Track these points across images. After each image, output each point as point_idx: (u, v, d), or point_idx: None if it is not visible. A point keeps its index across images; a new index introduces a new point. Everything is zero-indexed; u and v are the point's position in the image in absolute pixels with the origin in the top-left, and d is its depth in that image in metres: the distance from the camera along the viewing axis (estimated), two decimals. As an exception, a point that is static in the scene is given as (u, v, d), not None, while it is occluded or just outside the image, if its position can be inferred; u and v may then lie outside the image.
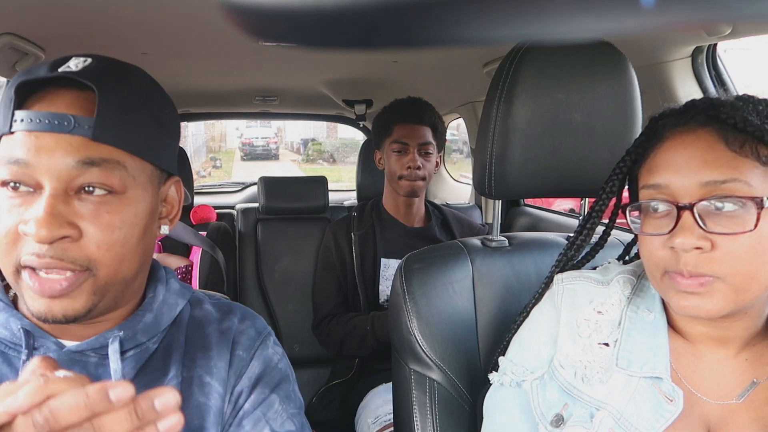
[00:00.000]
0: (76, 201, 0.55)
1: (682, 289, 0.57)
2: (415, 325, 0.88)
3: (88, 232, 0.55)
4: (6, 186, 0.55)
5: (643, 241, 0.63)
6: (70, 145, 0.54)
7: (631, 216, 0.65)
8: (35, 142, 0.54)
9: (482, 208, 2.27)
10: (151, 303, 0.65)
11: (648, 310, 0.67)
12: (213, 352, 0.67)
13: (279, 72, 1.90)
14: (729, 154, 0.56)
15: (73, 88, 0.56)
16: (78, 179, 0.55)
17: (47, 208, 0.52)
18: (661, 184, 0.60)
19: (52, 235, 0.52)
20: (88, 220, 0.55)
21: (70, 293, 0.55)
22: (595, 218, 0.75)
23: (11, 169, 0.54)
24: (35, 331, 0.59)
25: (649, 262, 0.62)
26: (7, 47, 1.23)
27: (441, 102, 1.69)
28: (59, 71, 0.55)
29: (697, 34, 1.07)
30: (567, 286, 0.73)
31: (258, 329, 0.72)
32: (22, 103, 0.55)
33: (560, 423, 0.66)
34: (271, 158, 20.43)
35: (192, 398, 0.63)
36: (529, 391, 0.71)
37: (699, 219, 0.56)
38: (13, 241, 0.54)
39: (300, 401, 0.72)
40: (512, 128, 0.85)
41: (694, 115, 0.60)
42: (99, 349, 0.60)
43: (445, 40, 0.24)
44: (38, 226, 0.52)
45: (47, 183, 0.54)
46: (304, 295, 1.98)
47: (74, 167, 0.54)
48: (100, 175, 0.55)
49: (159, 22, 1.21)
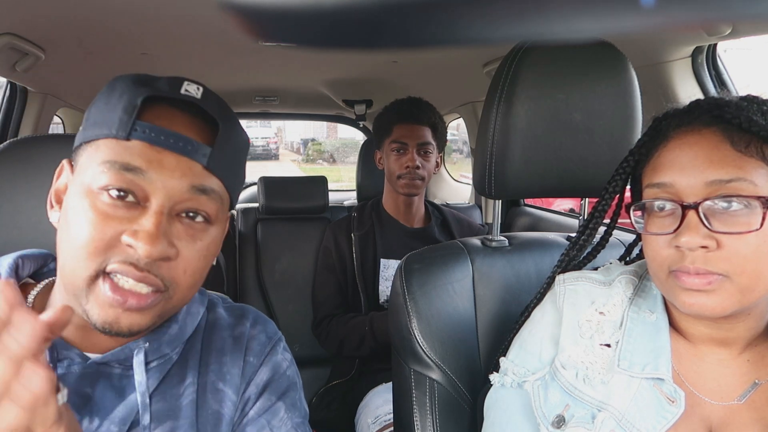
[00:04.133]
0: (177, 223, 0.56)
1: (688, 287, 0.57)
2: (415, 325, 0.88)
3: (183, 254, 0.56)
4: (107, 191, 0.54)
5: (648, 241, 0.62)
6: (190, 170, 0.55)
7: (634, 215, 0.65)
8: (156, 157, 0.54)
9: (482, 208, 2.27)
10: (177, 314, 0.65)
11: (650, 311, 0.67)
12: (227, 357, 0.66)
13: (279, 72, 1.90)
14: (734, 154, 0.56)
15: (187, 111, 0.57)
16: (186, 203, 0.56)
17: (156, 224, 0.53)
18: (666, 183, 0.60)
19: (160, 252, 0.53)
20: (185, 243, 0.56)
21: (144, 310, 0.55)
22: (598, 218, 0.75)
23: (122, 176, 0.53)
24: (59, 343, 0.58)
25: (653, 262, 0.62)
26: (7, 47, 1.23)
27: (441, 102, 1.69)
28: (183, 94, 0.56)
29: (697, 34, 1.07)
30: (569, 287, 0.72)
31: (269, 334, 0.71)
32: (143, 112, 0.55)
33: (561, 424, 0.65)
34: (271, 158, 20.41)
35: (206, 405, 0.63)
36: (530, 392, 0.71)
37: (704, 218, 0.56)
38: (106, 247, 0.53)
39: (305, 410, 0.71)
40: (512, 128, 0.85)
41: (698, 115, 0.60)
42: (123, 360, 0.60)
43: (445, 40, 0.24)
44: (149, 241, 0.52)
45: (156, 200, 0.54)
46: (304, 295, 1.97)
47: (187, 191, 0.55)
48: (206, 203, 0.57)
49: (159, 22, 1.21)
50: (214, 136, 0.58)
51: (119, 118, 0.54)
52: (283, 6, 0.24)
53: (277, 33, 0.27)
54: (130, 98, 0.55)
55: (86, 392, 0.58)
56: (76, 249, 0.53)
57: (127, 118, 0.54)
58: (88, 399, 0.58)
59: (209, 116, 0.57)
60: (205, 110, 0.57)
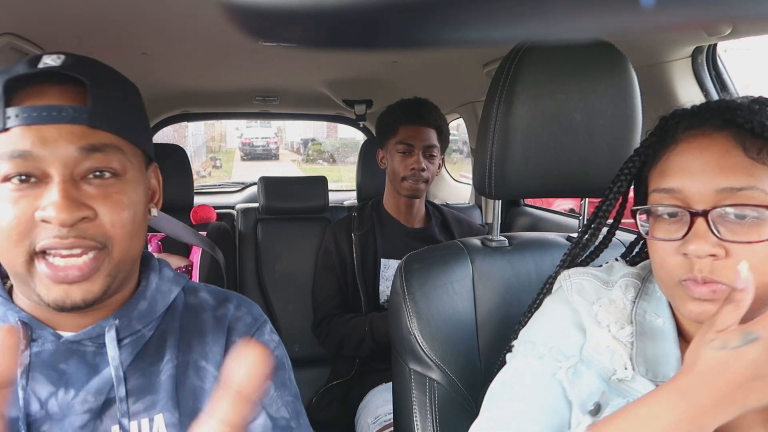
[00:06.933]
0: (85, 185, 0.58)
1: (696, 296, 0.56)
2: (415, 324, 0.88)
3: (102, 211, 0.58)
4: (8, 181, 0.56)
5: (654, 246, 0.61)
6: (72, 134, 0.57)
7: (639, 219, 0.63)
8: (38, 134, 0.56)
9: (482, 208, 2.27)
10: (145, 291, 0.67)
11: (655, 314, 0.65)
12: (209, 337, 0.69)
13: (279, 72, 1.90)
14: (746, 161, 0.54)
15: (55, 83, 0.58)
16: (83, 165, 0.57)
17: (62, 192, 0.55)
18: (674, 188, 0.58)
19: (73, 216, 0.55)
20: (99, 201, 0.58)
21: (89, 277, 0.57)
22: (602, 218, 0.74)
23: (15, 163, 0.55)
24: (33, 323, 0.61)
25: (661, 269, 0.60)
26: (7, 47, 1.23)
27: (441, 102, 1.69)
28: (40, 68, 0.57)
29: (697, 34, 1.07)
30: (575, 281, 0.71)
31: (254, 316, 0.73)
32: (9, 101, 0.56)
33: (599, 411, 0.64)
34: (271, 158, 20.43)
35: (188, 382, 0.65)
36: (563, 380, 0.67)
37: (713, 226, 0.55)
38: (26, 230, 0.55)
39: (296, 390, 0.73)
40: (512, 128, 0.85)
41: (709, 117, 0.58)
42: (96, 338, 0.62)
43: (445, 40, 0.24)
44: (58, 210, 0.54)
45: (55, 171, 0.56)
46: (304, 295, 1.98)
47: (78, 154, 0.57)
48: (103, 159, 0.58)
49: (159, 22, 1.21)
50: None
51: None
52: (283, 6, 0.24)
53: (277, 33, 0.27)
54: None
55: (61, 367, 0.60)
56: (3, 240, 0.56)
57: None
58: (62, 373, 0.60)
59: (79, 79, 0.58)
60: (69, 74, 0.58)
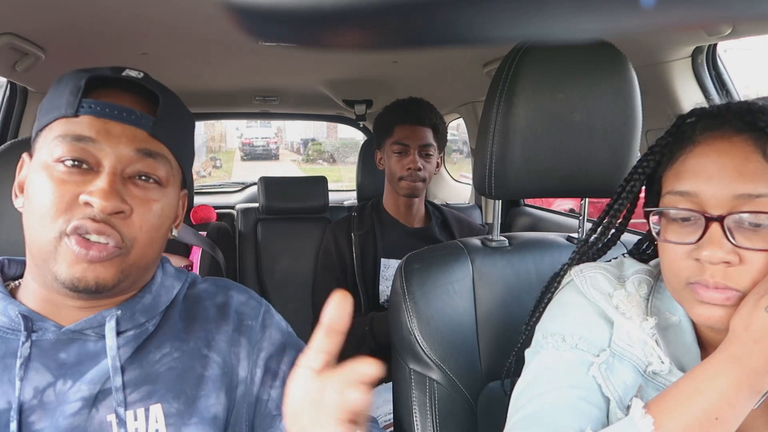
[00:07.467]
0: (130, 185, 0.62)
1: (705, 300, 0.55)
2: (415, 325, 0.88)
3: (137, 211, 0.62)
4: (62, 162, 0.59)
5: (665, 249, 0.60)
6: (134, 136, 0.62)
7: (651, 220, 0.62)
8: (104, 127, 0.60)
9: (482, 208, 2.27)
10: (151, 285, 0.69)
11: (669, 312, 0.64)
12: (211, 325, 0.71)
13: (279, 72, 1.90)
14: (765, 167, 0.53)
15: (131, 92, 0.64)
16: (134, 165, 0.62)
17: (110, 183, 0.59)
18: (690, 192, 0.57)
19: (114, 206, 0.59)
20: (137, 201, 0.62)
21: (106, 261, 0.60)
22: (613, 217, 0.73)
23: (74, 147, 0.59)
24: (33, 316, 0.62)
25: (669, 271, 0.60)
26: (7, 47, 1.23)
27: (441, 102, 1.69)
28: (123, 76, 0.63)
29: (697, 34, 1.07)
30: (588, 274, 0.69)
31: (257, 299, 0.77)
32: (86, 94, 0.61)
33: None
34: (271, 158, 20.41)
35: (190, 371, 0.66)
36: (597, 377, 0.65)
37: (728, 232, 0.54)
38: (66, 208, 0.58)
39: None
40: (512, 128, 0.85)
41: (728, 119, 0.57)
42: (97, 327, 0.63)
43: (445, 40, 0.24)
44: (102, 196, 0.58)
45: (108, 162, 0.60)
46: (304, 295, 1.98)
47: (134, 154, 0.61)
48: (153, 165, 0.63)
49: (159, 22, 1.20)
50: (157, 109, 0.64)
51: (66, 99, 0.61)
52: (283, 6, 0.24)
53: (277, 33, 0.27)
54: (75, 82, 0.61)
55: (61, 357, 0.62)
56: (40, 215, 0.59)
57: (73, 98, 0.61)
58: (62, 363, 0.61)
59: (152, 94, 0.64)
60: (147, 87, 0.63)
